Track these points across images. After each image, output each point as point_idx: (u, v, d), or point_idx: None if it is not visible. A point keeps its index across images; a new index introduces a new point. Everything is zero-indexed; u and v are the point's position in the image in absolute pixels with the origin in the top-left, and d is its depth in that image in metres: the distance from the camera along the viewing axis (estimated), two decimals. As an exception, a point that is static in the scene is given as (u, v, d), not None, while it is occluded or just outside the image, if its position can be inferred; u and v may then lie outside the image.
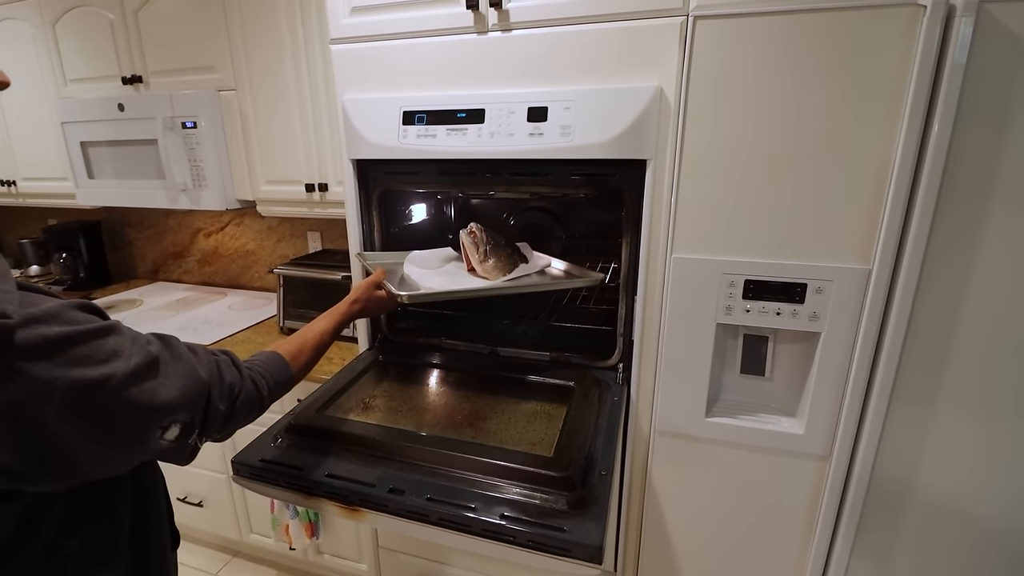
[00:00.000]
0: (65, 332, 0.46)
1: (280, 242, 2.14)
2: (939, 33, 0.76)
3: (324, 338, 0.89)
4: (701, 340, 1.01)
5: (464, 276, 1.16)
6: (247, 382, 0.68)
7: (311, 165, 1.60)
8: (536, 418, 0.96)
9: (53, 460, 0.48)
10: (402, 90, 1.10)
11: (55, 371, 0.44)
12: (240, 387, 0.66)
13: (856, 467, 0.97)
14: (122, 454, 0.54)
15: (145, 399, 0.51)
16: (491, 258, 1.15)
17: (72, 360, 0.46)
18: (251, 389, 0.68)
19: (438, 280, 1.11)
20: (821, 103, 0.84)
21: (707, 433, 1.06)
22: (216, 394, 0.61)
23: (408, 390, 1.07)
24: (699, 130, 0.91)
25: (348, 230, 1.25)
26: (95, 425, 0.48)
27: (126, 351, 0.51)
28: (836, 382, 0.95)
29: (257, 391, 0.70)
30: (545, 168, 1.05)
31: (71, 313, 0.48)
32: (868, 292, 0.88)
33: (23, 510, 0.52)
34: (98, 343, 0.48)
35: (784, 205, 0.90)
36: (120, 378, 0.49)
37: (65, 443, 0.47)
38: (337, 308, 0.98)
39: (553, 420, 0.95)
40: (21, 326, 0.43)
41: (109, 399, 0.48)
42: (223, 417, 0.63)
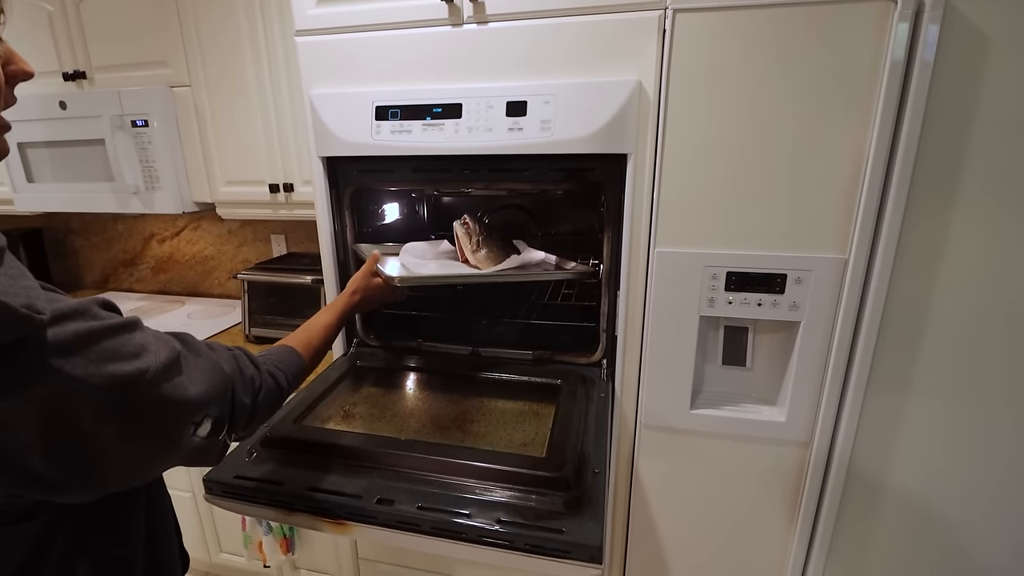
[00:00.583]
0: (95, 327, 0.44)
1: (242, 246, 2.04)
2: (909, 28, 0.78)
3: (329, 331, 0.90)
4: (685, 333, 1.01)
5: (457, 266, 1.16)
6: (265, 376, 0.67)
7: (275, 164, 1.53)
8: (524, 418, 0.94)
9: (86, 466, 0.45)
10: (374, 84, 1.06)
11: (91, 367, 0.42)
12: (260, 381, 0.65)
13: (836, 451, 1.00)
14: (156, 456, 0.51)
15: (177, 394, 0.50)
16: (483, 248, 1.15)
17: (105, 356, 0.44)
18: (271, 382, 0.68)
19: (432, 267, 1.12)
20: (797, 96, 0.86)
21: (692, 425, 1.06)
22: (240, 388, 0.61)
23: (389, 396, 1.03)
24: (679, 123, 0.91)
25: (319, 232, 1.20)
26: (131, 423, 0.46)
27: (152, 346, 0.49)
28: (815, 369, 0.97)
29: (276, 384, 0.69)
30: (525, 164, 1.04)
31: (95, 309, 0.46)
32: (845, 281, 0.90)
33: (39, 528, 0.50)
34: (126, 338, 0.47)
35: (763, 197, 0.91)
36: (154, 372, 0.47)
37: (100, 446, 0.45)
38: (337, 300, 0.99)
39: (542, 419, 0.93)
40: (53, 323, 0.41)
41: (144, 395, 0.47)
42: (248, 411, 0.62)
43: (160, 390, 0.48)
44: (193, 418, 0.52)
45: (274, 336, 1.59)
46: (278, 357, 0.74)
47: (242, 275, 1.58)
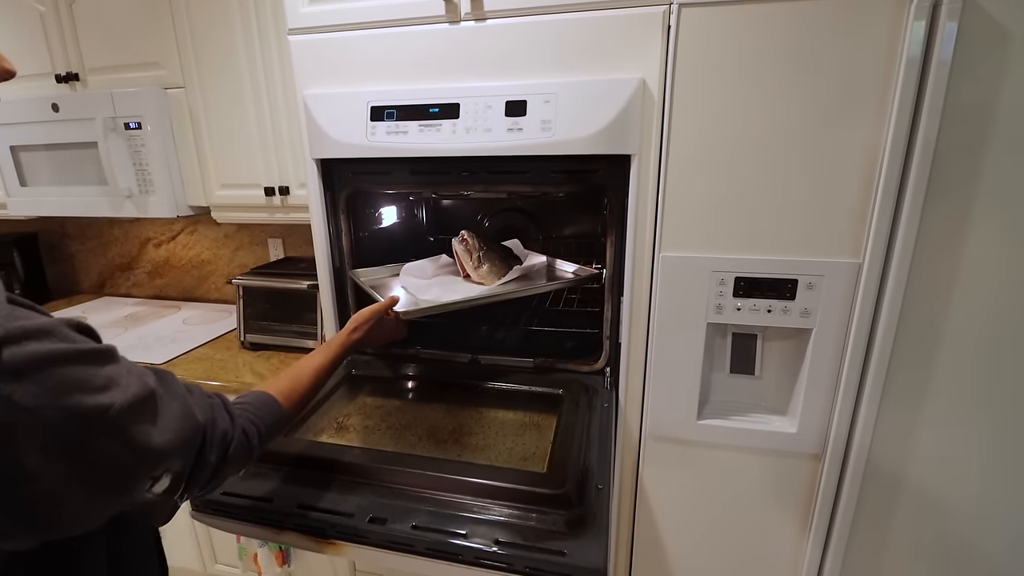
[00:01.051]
0: (59, 351, 0.40)
1: (238, 250, 2.01)
2: (926, 25, 0.74)
3: (320, 374, 0.81)
4: (691, 341, 0.97)
5: (460, 283, 1.14)
6: (239, 431, 0.60)
7: (270, 167, 1.49)
8: (525, 430, 0.90)
9: (26, 508, 0.40)
10: (369, 84, 1.03)
11: (44, 397, 0.38)
12: (232, 436, 0.59)
13: (850, 463, 0.96)
14: (103, 504, 0.46)
15: (142, 439, 0.44)
16: (485, 263, 1.12)
17: (65, 385, 0.39)
18: (242, 439, 0.60)
19: (435, 291, 1.09)
20: (809, 94, 0.82)
21: (699, 436, 1.03)
22: (209, 443, 0.54)
23: (385, 406, 1.00)
24: (685, 123, 0.87)
25: (314, 236, 1.16)
26: (83, 465, 0.41)
27: (123, 380, 0.44)
28: (828, 378, 0.94)
29: (247, 440, 0.61)
30: (525, 165, 1.00)
31: (66, 331, 0.42)
32: (860, 286, 0.86)
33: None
34: (94, 368, 0.42)
35: (774, 199, 0.87)
36: (117, 410, 0.42)
37: (45, 487, 0.40)
38: (334, 340, 0.90)
39: (543, 431, 0.89)
40: (10, 341, 0.37)
41: (102, 434, 0.41)
42: (211, 470, 0.55)
43: (122, 432, 0.43)
44: (153, 471, 0.47)
45: (270, 343, 1.56)
46: (255, 407, 0.66)
47: (237, 280, 1.55)
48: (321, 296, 1.21)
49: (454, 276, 1.19)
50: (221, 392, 0.63)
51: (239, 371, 1.44)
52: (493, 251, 1.18)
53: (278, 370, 1.44)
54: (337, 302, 1.20)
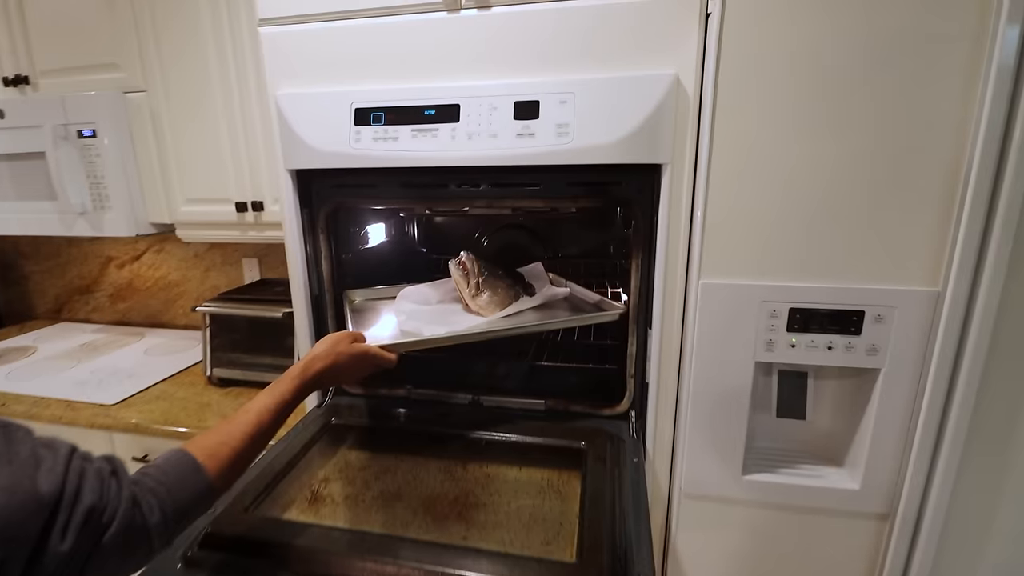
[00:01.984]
0: None
1: (210, 271, 1.83)
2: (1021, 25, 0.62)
3: (262, 421, 0.64)
4: (736, 383, 0.83)
5: (460, 313, 1.00)
6: (124, 504, 0.46)
7: (242, 180, 1.33)
8: (543, 496, 0.74)
9: None
10: (353, 82, 0.88)
11: None
12: (108, 513, 0.44)
13: (924, 525, 0.81)
14: None
15: None
16: (485, 291, 0.97)
17: None
18: (130, 516, 0.46)
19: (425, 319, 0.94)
20: (881, 90, 0.69)
21: (744, 494, 0.87)
22: (60, 523, 0.41)
23: (371, 466, 0.83)
24: (732, 126, 0.74)
25: (288, 258, 1.00)
26: None
27: None
28: (899, 426, 0.79)
29: (141, 519, 0.47)
30: (536, 176, 0.86)
31: None
32: (942, 318, 0.72)
33: None
34: None
35: (837, 216, 0.74)
36: None
37: None
38: (286, 374, 0.72)
39: (566, 498, 0.73)
40: None
41: None
42: (65, 562, 0.41)
43: None
44: None
45: (240, 379, 1.38)
46: (161, 472, 0.51)
47: (203, 307, 1.37)
48: (296, 327, 1.04)
49: (456, 304, 1.03)
50: (114, 456, 0.49)
51: (202, 413, 1.25)
52: (497, 277, 1.02)
53: (248, 411, 1.26)
54: (315, 335, 1.04)
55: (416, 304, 1.02)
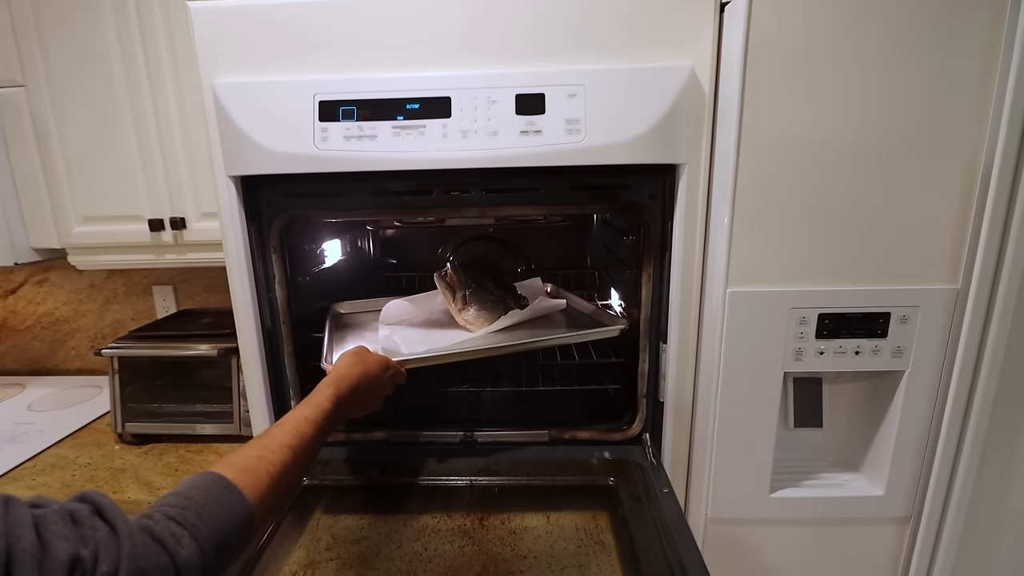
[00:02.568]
0: None
1: (110, 304, 1.53)
2: (1042, -3, 0.62)
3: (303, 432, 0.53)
4: (764, 397, 0.77)
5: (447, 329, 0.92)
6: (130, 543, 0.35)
7: (157, 193, 1.11)
8: (586, 551, 0.63)
9: None
10: (315, 70, 0.73)
11: None
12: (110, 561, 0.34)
13: (947, 525, 0.80)
14: None
15: None
16: (472, 305, 0.89)
17: None
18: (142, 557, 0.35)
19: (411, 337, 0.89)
20: (900, 83, 0.67)
21: (772, 513, 0.82)
22: None
23: (367, 537, 0.67)
24: (759, 123, 0.68)
25: (232, 285, 0.82)
26: None
27: None
28: (922, 427, 0.78)
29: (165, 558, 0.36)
30: (537, 180, 0.76)
31: None
32: (966, 315, 0.71)
33: None
34: None
35: (863, 215, 0.71)
36: None
37: None
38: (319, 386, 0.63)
39: (610, 551, 0.63)
40: None
41: None
42: None
43: None
44: None
45: (163, 433, 1.13)
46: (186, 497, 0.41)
47: (109, 350, 1.11)
48: (245, 368, 0.85)
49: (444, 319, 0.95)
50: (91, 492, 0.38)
51: (118, 481, 1.00)
52: (486, 290, 0.92)
53: (178, 473, 1.03)
54: (270, 375, 0.86)
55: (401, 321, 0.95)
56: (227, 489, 0.43)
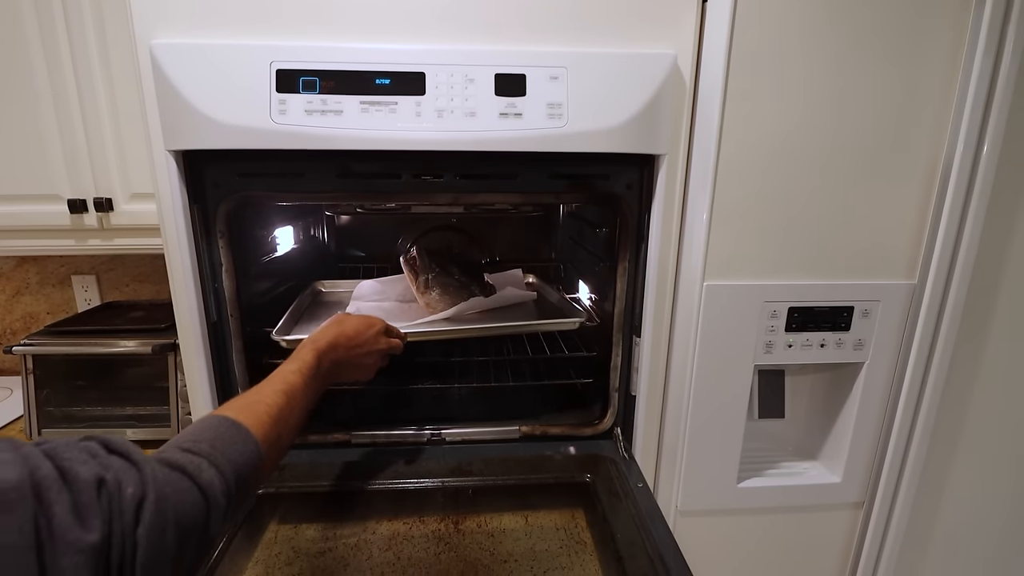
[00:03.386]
0: None
1: (21, 296, 1.36)
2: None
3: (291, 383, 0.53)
4: (735, 389, 0.78)
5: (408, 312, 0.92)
6: (149, 470, 0.34)
7: (79, 169, 0.98)
8: (568, 551, 0.61)
9: None
10: (270, 34, 0.66)
11: None
12: (135, 486, 0.33)
13: (896, 509, 0.84)
14: None
15: None
16: (434, 288, 0.89)
17: None
18: (163, 482, 0.35)
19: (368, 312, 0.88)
20: (871, 84, 0.68)
21: (739, 503, 0.83)
22: (62, 506, 0.29)
23: (333, 548, 0.61)
24: (741, 114, 0.68)
25: (171, 276, 0.73)
26: None
27: None
28: (877, 416, 0.81)
29: (187, 482, 0.37)
30: (514, 166, 0.72)
31: None
32: (921, 309, 0.75)
33: None
34: None
35: (830, 211, 0.72)
36: None
37: None
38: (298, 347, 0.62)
39: (590, 550, 0.61)
40: None
41: None
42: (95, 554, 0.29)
43: None
44: None
45: (86, 436, 1.01)
46: (194, 434, 0.41)
47: (22, 347, 0.98)
48: (187, 366, 0.76)
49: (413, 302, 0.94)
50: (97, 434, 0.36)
51: (30, 495, 0.89)
52: (449, 275, 0.92)
53: (105, 483, 0.92)
54: (216, 374, 0.78)
55: (372, 301, 0.96)
56: (233, 426, 0.44)
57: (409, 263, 0.91)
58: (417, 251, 0.92)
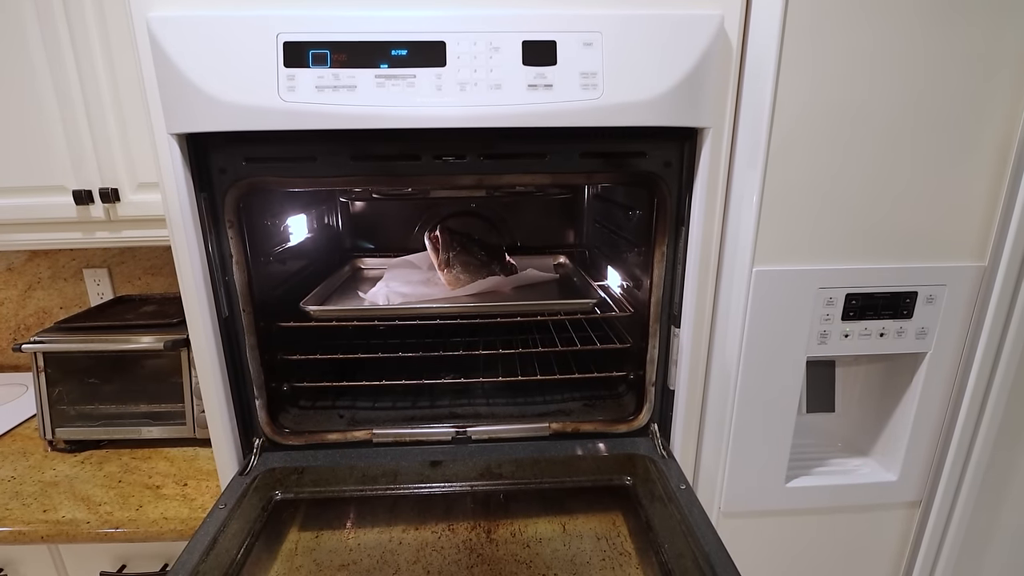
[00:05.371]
0: None
1: (33, 291, 1.34)
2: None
3: None
4: (785, 383, 0.72)
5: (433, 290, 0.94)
6: None
7: (83, 158, 0.94)
8: (609, 563, 0.56)
9: None
10: (276, 3, 0.60)
11: None
12: None
13: (957, 510, 0.78)
14: None
15: None
16: (455, 267, 0.91)
17: None
18: None
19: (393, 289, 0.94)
20: (942, 53, 0.61)
21: (787, 503, 0.78)
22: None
23: (360, 560, 0.57)
24: (797, 83, 0.61)
25: (178, 267, 0.69)
26: None
27: None
28: (939, 411, 0.75)
29: None
30: (543, 144, 0.66)
31: None
32: (993, 295, 0.68)
33: None
34: None
35: (892, 189, 0.65)
36: None
37: None
38: None
39: (632, 559, 0.56)
40: None
41: None
42: None
43: None
44: None
45: (103, 439, 0.98)
46: None
47: (32, 344, 0.95)
48: (198, 363, 0.73)
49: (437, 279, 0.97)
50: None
51: (49, 496, 0.86)
52: (471, 254, 0.93)
53: (122, 484, 0.89)
54: (230, 371, 0.74)
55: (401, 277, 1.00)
56: None
57: (432, 241, 0.94)
58: (440, 230, 0.94)
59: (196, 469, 0.93)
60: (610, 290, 1.00)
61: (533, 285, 0.98)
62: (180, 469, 0.93)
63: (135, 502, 0.84)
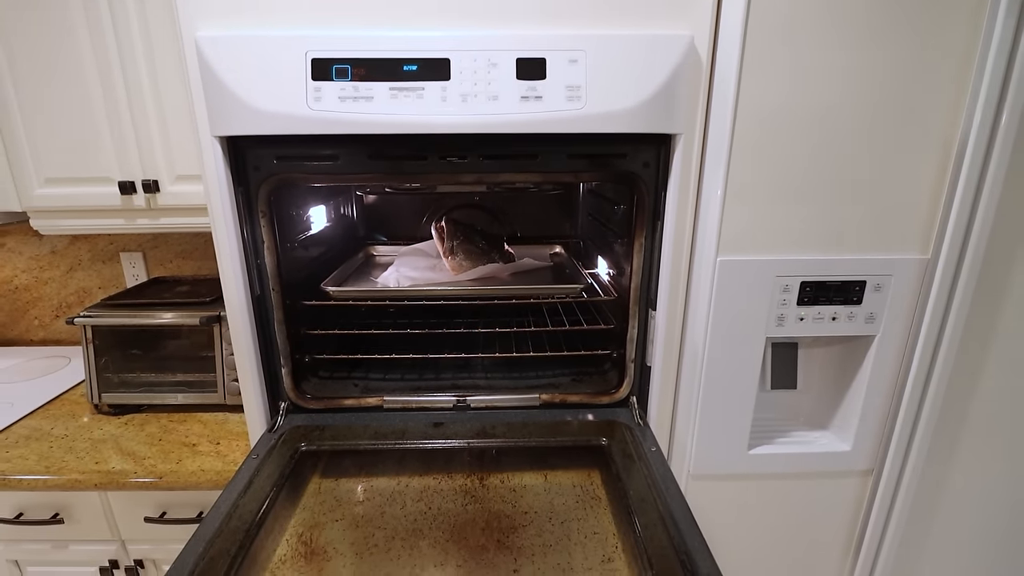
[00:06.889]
0: None
1: (74, 271, 1.46)
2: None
3: None
4: (746, 361, 0.81)
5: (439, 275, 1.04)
6: None
7: (127, 153, 1.05)
8: (583, 505, 0.66)
9: None
10: (305, 25, 0.70)
11: None
12: None
13: (906, 476, 0.87)
14: None
15: None
16: (458, 254, 1.01)
17: None
18: None
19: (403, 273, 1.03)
20: (886, 56, 0.69)
21: (749, 468, 0.87)
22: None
23: (371, 499, 0.68)
24: (754, 95, 0.70)
25: (218, 252, 0.79)
26: None
27: None
28: (888, 387, 0.84)
29: None
30: (535, 147, 0.76)
31: None
32: (934, 284, 0.76)
33: None
34: None
35: (843, 186, 0.74)
36: None
37: None
38: None
39: (604, 505, 0.66)
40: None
41: None
42: None
43: None
44: None
45: (143, 403, 1.11)
46: None
47: (82, 318, 1.07)
48: (234, 337, 0.83)
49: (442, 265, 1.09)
50: None
51: (99, 451, 0.98)
52: (473, 243, 1.04)
53: (162, 443, 1.01)
54: (261, 344, 0.85)
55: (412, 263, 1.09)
56: None
57: (438, 231, 1.03)
58: (445, 221, 1.03)
59: (227, 431, 1.04)
60: (599, 277, 1.10)
61: (529, 271, 1.08)
62: (212, 431, 1.04)
63: (175, 457, 0.96)
